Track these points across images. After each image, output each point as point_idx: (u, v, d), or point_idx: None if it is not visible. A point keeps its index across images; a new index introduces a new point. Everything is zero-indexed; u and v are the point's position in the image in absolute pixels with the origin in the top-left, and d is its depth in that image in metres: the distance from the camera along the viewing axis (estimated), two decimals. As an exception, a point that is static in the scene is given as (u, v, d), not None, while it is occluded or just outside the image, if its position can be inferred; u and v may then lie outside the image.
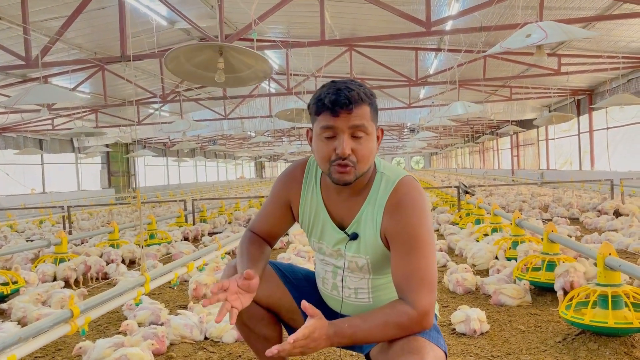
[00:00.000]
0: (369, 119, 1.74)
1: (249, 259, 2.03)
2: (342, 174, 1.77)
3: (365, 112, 1.73)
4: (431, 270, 1.75)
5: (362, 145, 1.74)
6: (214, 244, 4.59)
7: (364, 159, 1.76)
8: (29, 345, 2.11)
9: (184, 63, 4.35)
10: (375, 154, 1.85)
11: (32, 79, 12.97)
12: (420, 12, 8.85)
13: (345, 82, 1.78)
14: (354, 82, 1.79)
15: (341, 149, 1.72)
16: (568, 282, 3.68)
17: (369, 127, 1.74)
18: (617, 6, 8.44)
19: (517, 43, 4.26)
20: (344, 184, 1.81)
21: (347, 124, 1.71)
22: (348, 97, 1.69)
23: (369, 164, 1.80)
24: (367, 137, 1.75)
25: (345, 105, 1.69)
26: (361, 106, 1.72)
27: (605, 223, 7.75)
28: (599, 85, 16.11)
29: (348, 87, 1.73)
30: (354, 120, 1.71)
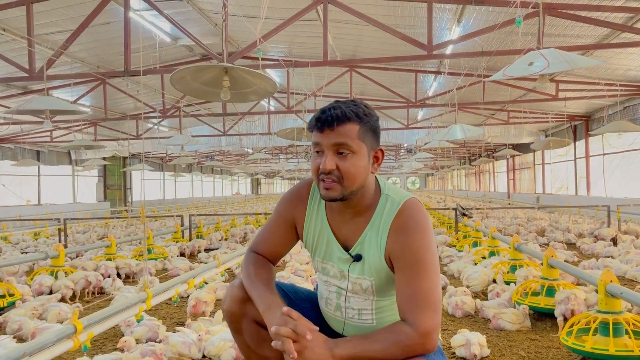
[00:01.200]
0: (354, 137, 1.77)
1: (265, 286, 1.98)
2: (327, 190, 1.81)
3: (350, 131, 1.77)
4: (435, 292, 1.76)
5: (346, 162, 1.77)
6: (214, 261, 4.57)
7: (348, 175, 1.78)
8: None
9: (190, 81, 4.39)
10: (368, 173, 1.85)
11: (33, 91, 13.01)
12: (421, 35, 8.97)
13: (344, 102, 1.83)
14: (353, 102, 1.85)
15: (323, 164, 1.78)
16: (569, 309, 3.67)
17: (353, 145, 1.77)
18: (615, 35, 8.57)
19: (520, 71, 4.31)
20: (329, 200, 1.84)
21: (330, 140, 1.77)
22: (332, 115, 1.76)
23: (358, 183, 1.82)
24: (353, 155, 1.78)
25: (328, 123, 1.76)
26: (345, 124, 1.76)
27: (602, 249, 7.76)
28: (596, 112, 16.27)
29: (337, 107, 1.80)
30: (337, 137, 1.76)
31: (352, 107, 1.80)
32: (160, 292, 3.51)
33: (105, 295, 5.58)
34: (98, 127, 18.12)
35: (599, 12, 7.21)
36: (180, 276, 4.09)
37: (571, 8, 6.86)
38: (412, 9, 8.62)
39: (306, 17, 7.66)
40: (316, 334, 1.67)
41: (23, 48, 9.64)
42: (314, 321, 2.21)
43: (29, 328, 3.85)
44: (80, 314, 4.45)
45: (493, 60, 9.90)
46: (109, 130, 19.41)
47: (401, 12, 8.84)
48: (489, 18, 8.36)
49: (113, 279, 5.73)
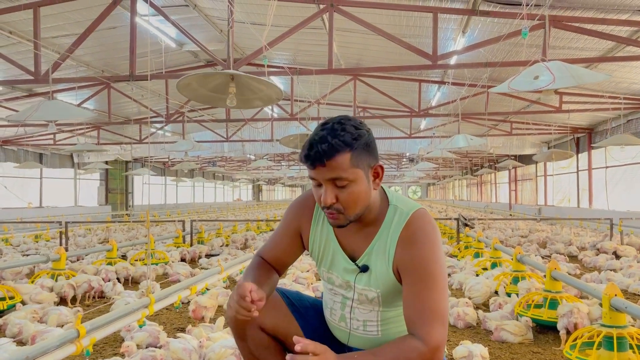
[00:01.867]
0: (347, 167, 1.71)
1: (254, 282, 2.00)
2: (332, 220, 1.81)
3: (342, 162, 1.70)
4: (443, 304, 1.74)
5: (345, 193, 1.74)
6: (216, 268, 4.56)
7: (348, 205, 1.76)
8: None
9: (197, 87, 4.40)
10: (369, 194, 1.81)
11: (37, 93, 13.06)
12: (426, 45, 8.98)
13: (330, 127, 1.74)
14: (341, 124, 1.75)
15: (323, 199, 1.75)
16: (572, 322, 3.65)
17: (348, 176, 1.71)
18: (620, 48, 8.59)
19: (525, 85, 4.29)
20: (338, 227, 1.83)
21: (324, 176, 1.73)
22: (319, 152, 1.69)
23: (360, 208, 1.79)
24: (351, 184, 1.73)
25: (318, 160, 1.69)
26: (336, 158, 1.69)
27: (605, 262, 7.73)
28: (599, 125, 16.27)
29: (323, 139, 1.70)
30: (330, 173, 1.71)
31: (340, 135, 1.70)
32: (163, 298, 3.50)
33: (105, 299, 5.57)
34: (101, 131, 18.16)
35: (604, 25, 7.22)
36: (182, 282, 4.08)
37: (576, 21, 6.87)
38: (417, 19, 8.65)
39: (311, 25, 7.68)
40: (328, 352, 1.64)
41: (29, 51, 9.69)
42: (319, 331, 2.21)
43: (29, 331, 3.84)
44: (82, 319, 4.46)
45: (497, 70, 9.92)
46: (112, 134, 19.45)
47: (406, 22, 8.87)
48: (493, 29, 8.38)
49: (114, 283, 5.71)
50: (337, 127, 1.74)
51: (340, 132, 1.72)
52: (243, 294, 1.74)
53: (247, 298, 1.73)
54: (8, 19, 8.84)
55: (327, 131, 1.73)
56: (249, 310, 1.75)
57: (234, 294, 1.82)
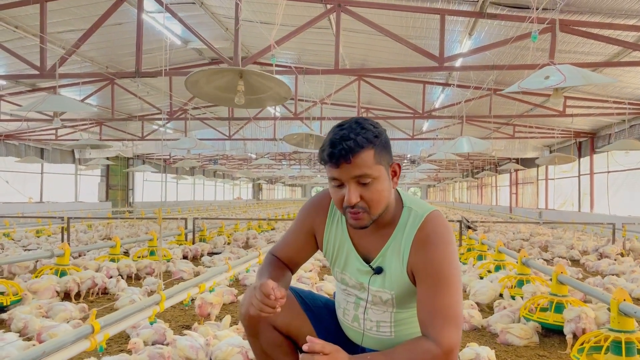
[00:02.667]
0: (372, 164, 1.72)
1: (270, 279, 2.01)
2: (356, 220, 1.78)
3: (367, 159, 1.71)
4: (457, 307, 1.74)
5: (369, 191, 1.74)
6: (224, 266, 4.55)
7: (373, 203, 1.75)
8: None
9: (205, 85, 4.40)
10: (391, 192, 1.83)
11: (41, 88, 13.05)
12: (431, 46, 8.99)
13: (350, 126, 1.75)
14: (359, 124, 1.76)
15: (347, 198, 1.73)
16: (580, 328, 3.65)
17: (373, 172, 1.72)
18: (625, 53, 8.60)
19: (536, 84, 4.30)
20: (361, 228, 1.82)
21: (349, 174, 1.71)
22: (345, 148, 1.68)
23: (383, 206, 1.80)
24: (375, 181, 1.74)
25: (344, 157, 1.69)
26: (361, 154, 1.70)
27: (607, 267, 7.73)
28: (601, 129, 16.28)
29: (346, 136, 1.70)
30: (355, 170, 1.70)
31: (361, 133, 1.72)
32: (174, 295, 3.49)
33: (108, 295, 5.57)
34: (103, 127, 18.15)
35: (610, 30, 7.22)
36: (192, 280, 4.08)
37: (584, 25, 6.87)
38: (424, 21, 8.65)
39: (316, 25, 7.67)
40: (339, 352, 1.64)
41: (33, 46, 9.69)
42: (331, 330, 2.22)
43: (35, 327, 3.83)
44: (86, 314, 4.46)
45: (502, 73, 9.92)
46: (114, 130, 19.45)
47: (413, 24, 8.87)
48: (500, 32, 8.38)
49: (117, 280, 5.71)
50: (356, 126, 1.75)
51: (362, 130, 1.73)
52: (267, 292, 1.73)
53: (271, 296, 1.72)
54: (14, 13, 8.84)
55: (347, 130, 1.73)
56: (274, 307, 1.74)
57: (252, 292, 1.82)
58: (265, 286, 1.74)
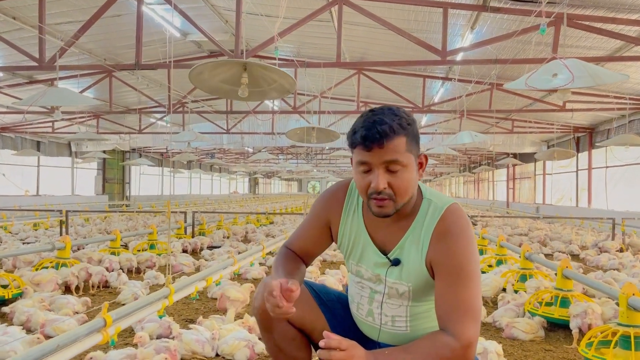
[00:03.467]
0: (403, 151, 1.70)
1: (285, 273, 1.99)
2: (380, 208, 1.76)
3: (399, 145, 1.69)
4: (476, 301, 1.72)
5: (398, 178, 1.72)
6: (229, 259, 4.53)
7: (400, 191, 1.73)
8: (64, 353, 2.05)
9: (208, 77, 4.36)
10: (416, 183, 1.82)
11: (38, 80, 12.94)
12: (433, 40, 8.95)
13: (382, 112, 1.73)
14: (392, 110, 1.74)
15: (375, 184, 1.71)
16: (586, 323, 3.64)
17: (403, 159, 1.70)
18: (628, 48, 8.58)
19: (543, 83, 4.26)
20: (384, 217, 1.79)
21: (380, 159, 1.69)
22: (379, 132, 1.66)
23: (409, 195, 1.77)
24: (404, 169, 1.72)
25: (377, 141, 1.67)
26: (394, 139, 1.68)
27: (607, 261, 7.74)
28: (600, 124, 16.30)
29: (381, 120, 1.68)
30: (387, 155, 1.68)
31: (395, 119, 1.70)
32: (182, 288, 3.47)
33: (110, 289, 5.54)
34: (100, 120, 18.05)
35: (613, 25, 7.20)
36: (198, 273, 4.06)
37: (587, 19, 6.85)
38: (426, 14, 8.61)
39: (317, 18, 7.62)
40: (358, 350, 1.62)
41: (31, 37, 9.59)
42: (345, 325, 2.19)
43: (39, 319, 3.80)
44: (89, 308, 4.42)
45: (503, 68, 9.89)
46: (111, 123, 19.35)
47: (415, 17, 8.82)
48: (502, 26, 8.34)
49: (119, 273, 5.67)
50: (389, 112, 1.73)
51: (395, 117, 1.71)
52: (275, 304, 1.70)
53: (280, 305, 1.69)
54: (12, 4, 8.74)
55: (382, 115, 1.71)
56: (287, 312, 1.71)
57: (264, 288, 1.80)
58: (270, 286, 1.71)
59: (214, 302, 4.76)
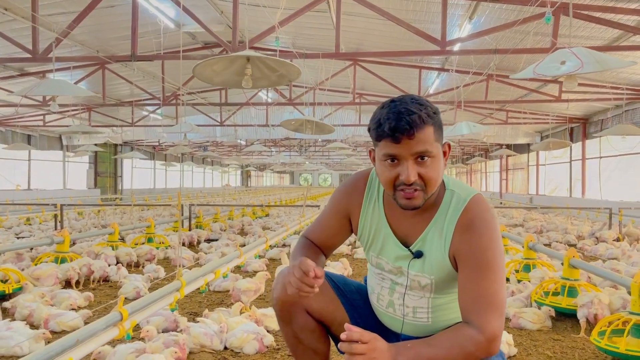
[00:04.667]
0: (432, 141, 1.66)
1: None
2: (409, 200, 1.71)
3: (428, 135, 1.65)
4: (501, 294, 1.70)
5: (428, 169, 1.68)
6: (236, 252, 4.49)
7: (431, 182, 1.69)
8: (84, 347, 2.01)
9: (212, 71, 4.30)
10: (443, 172, 1.78)
11: (30, 73, 12.74)
12: (431, 30, 8.87)
13: (406, 101, 1.68)
14: (415, 99, 1.70)
15: (405, 175, 1.66)
16: (592, 314, 3.64)
17: (433, 150, 1.67)
18: (625, 37, 8.58)
19: (552, 70, 4.25)
20: (412, 209, 1.75)
21: (410, 150, 1.65)
22: (409, 122, 1.61)
23: (437, 185, 1.74)
24: (433, 160, 1.68)
25: (407, 132, 1.62)
26: (424, 129, 1.64)
27: (605, 251, 7.78)
28: (594, 115, 16.36)
29: (409, 110, 1.63)
30: (417, 146, 1.64)
31: (422, 108, 1.65)
32: (192, 281, 3.43)
33: (110, 282, 5.47)
34: (92, 113, 17.85)
35: (612, 14, 7.19)
36: (206, 266, 4.02)
37: (586, 9, 6.83)
38: (424, 4, 8.55)
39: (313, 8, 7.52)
40: (380, 342, 1.59)
41: (23, 29, 9.42)
42: (365, 316, 2.16)
43: (42, 314, 3.74)
44: (91, 303, 4.37)
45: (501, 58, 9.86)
46: (103, 116, 19.15)
47: (413, 7, 8.76)
48: (501, 16, 8.30)
49: (118, 267, 5.61)
50: (413, 101, 1.68)
51: (421, 106, 1.66)
52: (306, 269, 1.67)
53: (310, 273, 1.67)
54: (3, -6, 8.58)
55: (406, 104, 1.66)
56: (312, 286, 1.69)
57: (290, 272, 1.75)
58: (305, 264, 1.68)
59: (217, 295, 4.73)
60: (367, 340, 1.54)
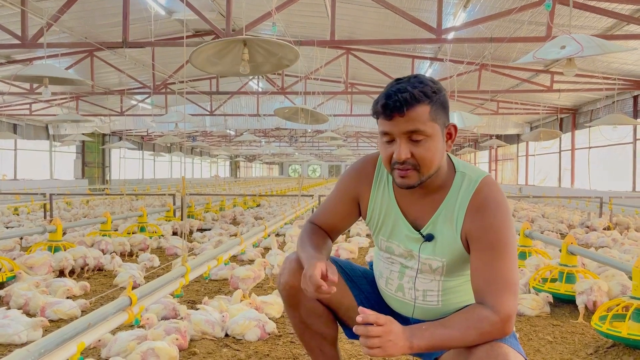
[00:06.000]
0: (426, 120, 1.66)
1: (315, 249, 1.93)
2: (403, 179, 1.72)
3: (421, 114, 1.65)
4: (514, 274, 1.70)
5: (421, 148, 1.67)
6: (236, 239, 4.46)
7: (424, 162, 1.69)
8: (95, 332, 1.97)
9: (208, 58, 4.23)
10: (444, 154, 1.77)
11: (16, 60, 12.51)
12: (424, 18, 8.82)
13: (408, 80, 1.69)
14: (417, 78, 1.70)
15: (397, 154, 1.67)
16: (591, 301, 3.66)
17: (426, 129, 1.66)
18: (619, 27, 8.61)
19: (552, 54, 4.26)
20: (407, 188, 1.75)
21: (402, 128, 1.65)
22: (400, 100, 1.62)
23: (435, 166, 1.73)
24: (427, 139, 1.67)
25: (397, 109, 1.63)
26: (416, 108, 1.64)
27: (597, 239, 7.84)
28: (584, 105, 16.46)
29: (403, 89, 1.64)
30: (408, 125, 1.64)
31: (418, 86, 1.65)
32: (197, 267, 3.39)
33: (104, 272, 5.41)
34: (80, 102, 17.61)
35: (607, 3, 7.20)
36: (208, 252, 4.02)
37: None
38: (418, -8, 8.51)
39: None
40: (395, 325, 1.57)
41: (10, 15, 9.22)
42: (373, 300, 2.15)
43: (38, 302, 3.68)
44: (86, 292, 4.31)
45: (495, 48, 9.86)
46: (90, 105, 18.90)
47: (407, -6, 8.72)
48: (495, 4, 8.29)
49: (112, 256, 5.55)
50: (414, 80, 1.69)
51: (419, 84, 1.67)
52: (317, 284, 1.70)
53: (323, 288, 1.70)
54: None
55: (405, 84, 1.67)
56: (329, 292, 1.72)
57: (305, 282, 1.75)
58: (315, 280, 1.70)
59: (214, 284, 4.69)
60: (383, 322, 1.54)
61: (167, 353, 2.74)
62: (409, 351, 1.58)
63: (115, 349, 2.77)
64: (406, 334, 1.57)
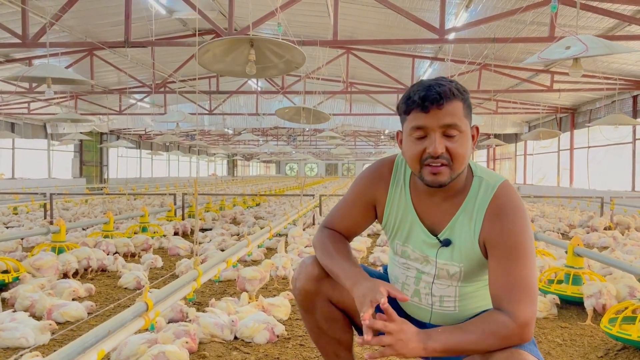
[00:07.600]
0: (461, 115, 1.66)
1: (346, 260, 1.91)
2: (435, 175, 1.69)
3: (457, 109, 1.65)
4: (533, 280, 1.68)
5: (456, 144, 1.66)
6: (244, 241, 4.45)
7: (458, 158, 1.67)
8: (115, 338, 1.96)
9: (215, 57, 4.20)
10: (471, 154, 1.76)
11: (15, 59, 12.45)
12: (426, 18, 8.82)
13: (436, 79, 1.70)
14: (445, 78, 1.71)
15: (433, 147, 1.64)
16: (600, 304, 3.66)
17: (462, 124, 1.66)
18: (620, 27, 8.61)
19: (557, 54, 4.26)
20: (438, 186, 1.72)
21: (439, 122, 1.64)
22: (439, 92, 1.62)
23: (465, 165, 1.72)
24: (461, 136, 1.66)
25: (436, 101, 1.62)
26: (453, 102, 1.64)
27: (598, 239, 7.85)
28: (582, 105, 16.48)
29: (438, 83, 1.65)
30: (446, 118, 1.63)
31: (452, 84, 1.67)
32: (208, 270, 3.38)
33: (107, 273, 5.39)
34: (78, 101, 17.54)
35: (609, 4, 7.20)
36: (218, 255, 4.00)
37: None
38: (421, -8, 8.50)
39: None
40: (409, 326, 1.57)
41: (10, 14, 9.18)
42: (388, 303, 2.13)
43: (45, 305, 3.66)
44: (91, 294, 4.29)
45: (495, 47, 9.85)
46: (89, 104, 18.83)
47: (409, -6, 8.71)
48: (497, 4, 8.29)
49: (115, 257, 5.52)
50: (443, 79, 1.70)
51: (451, 83, 1.68)
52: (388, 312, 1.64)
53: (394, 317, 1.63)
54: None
55: (436, 81, 1.67)
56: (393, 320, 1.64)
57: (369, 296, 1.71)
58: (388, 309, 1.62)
59: (219, 285, 4.67)
60: (396, 319, 1.56)
61: (178, 357, 2.73)
62: (423, 353, 1.57)
63: (125, 353, 2.75)
64: (420, 336, 1.57)
